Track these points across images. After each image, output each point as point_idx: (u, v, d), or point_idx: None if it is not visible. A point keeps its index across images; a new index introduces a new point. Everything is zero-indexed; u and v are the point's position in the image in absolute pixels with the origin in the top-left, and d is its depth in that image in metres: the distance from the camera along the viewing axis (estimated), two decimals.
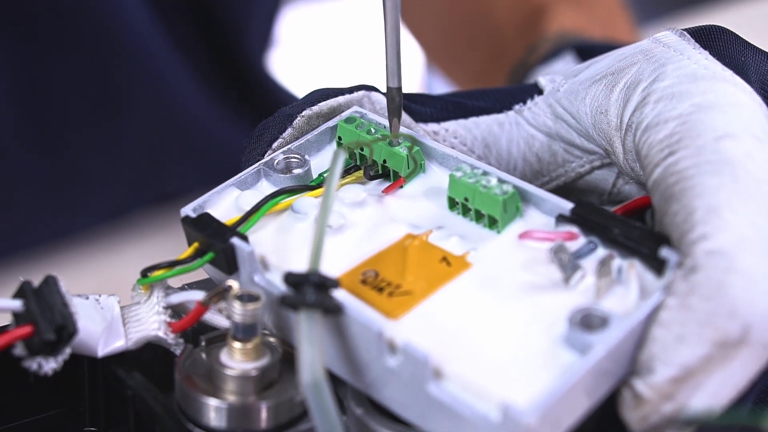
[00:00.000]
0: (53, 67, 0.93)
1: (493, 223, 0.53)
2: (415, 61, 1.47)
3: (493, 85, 0.97)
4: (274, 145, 0.57)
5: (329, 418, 0.48)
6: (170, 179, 1.01)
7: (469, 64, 1.05)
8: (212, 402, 0.51)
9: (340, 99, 0.58)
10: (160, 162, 1.00)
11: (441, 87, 1.41)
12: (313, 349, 0.48)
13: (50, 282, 0.53)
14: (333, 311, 0.49)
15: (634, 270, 0.50)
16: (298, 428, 0.52)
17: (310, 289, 0.49)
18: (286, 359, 0.53)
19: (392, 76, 0.55)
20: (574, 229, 0.52)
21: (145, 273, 0.54)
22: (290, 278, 0.50)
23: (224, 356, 0.52)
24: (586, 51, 0.83)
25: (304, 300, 0.49)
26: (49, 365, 0.51)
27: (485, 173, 0.54)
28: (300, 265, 0.52)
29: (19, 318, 0.52)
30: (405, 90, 0.58)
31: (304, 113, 0.57)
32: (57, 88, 0.94)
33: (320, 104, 0.57)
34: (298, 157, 0.56)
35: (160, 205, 1.00)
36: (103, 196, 1.00)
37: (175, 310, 0.55)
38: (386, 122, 0.57)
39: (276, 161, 0.56)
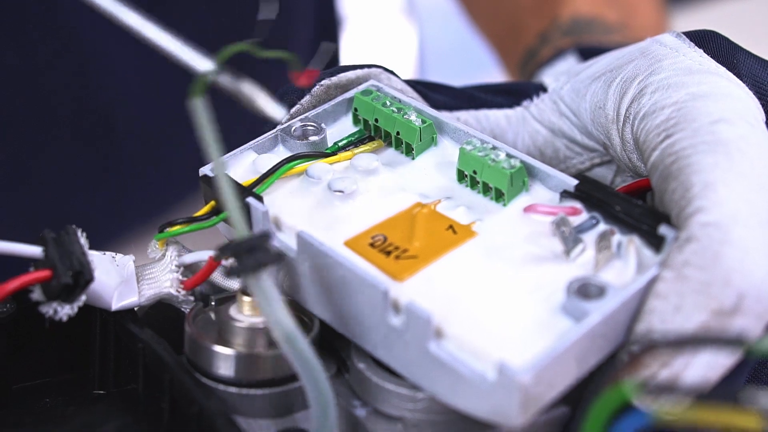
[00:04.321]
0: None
1: (499, 196, 0.55)
2: (410, 57, 1.48)
3: (508, 63, 0.99)
4: (293, 110, 0.59)
5: (309, 365, 0.49)
6: (160, 186, 1.01)
7: (491, 31, 1.06)
8: (220, 350, 0.53)
9: (359, 72, 0.60)
10: (147, 168, 1.01)
11: (435, 72, 1.42)
12: (275, 307, 0.49)
13: (70, 231, 0.55)
14: (275, 261, 0.49)
15: (632, 245, 0.52)
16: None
17: (245, 256, 0.49)
18: (294, 317, 0.55)
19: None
20: (577, 204, 0.54)
21: (162, 228, 0.55)
22: (224, 252, 0.50)
23: (233, 311, 0.54)
24: (590, 53, 0.85)
25: (245, 267, 0.49)
26: (64, 311, 0.53)
27: (494, 148, 0.56)
28: (312, 226, 0.54)
29: (38, 264, 0.54)
30: (406, 77, 0.61)
31: (323, 82, 0.59)
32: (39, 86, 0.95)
33: (339, 75, 0.59)
34: (315, 125, 0.58)
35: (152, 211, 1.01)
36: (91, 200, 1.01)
37: (188, 270, 0.57)
38: (401, 96, 0.59)
39: (293, 128, 0.58)
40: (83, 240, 0.55)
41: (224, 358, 0.53)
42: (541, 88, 0.62)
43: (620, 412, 0.48)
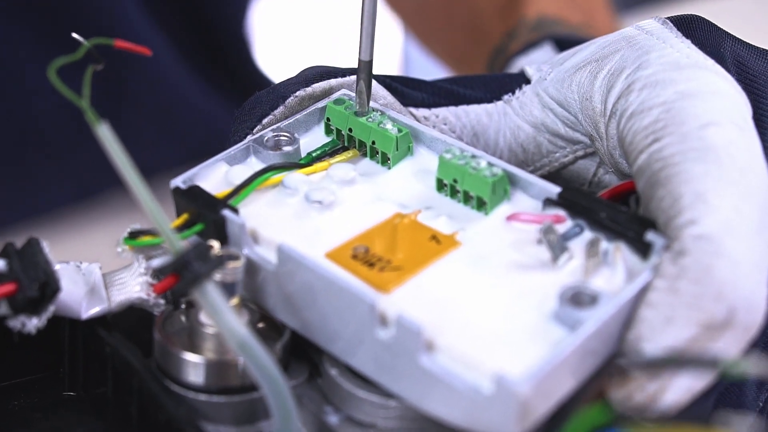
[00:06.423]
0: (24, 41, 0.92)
1: (481, 205, 0.54)
2: (394, 39, 1.47)
3: (472, 67, 0.98)
4: (264, 120, 0.57)
5: (267, 372, 0.48)
6: (144, 157, 1.00)
7: (447, 42, 1.05)
8: (189, 357, 0.52)
9: (332, 82, 0.58)
10: (134, 141, 0.99)
11: (420, 66, 1.41)
12: (225, 316, 0.48)
13: (33, 243, 0.53)
14: (214, 269, 0.48)
15: (620, 252, 0.51)
16: None
17: (184, 272, 0.48)
18: (264, 322, 0.54)
19: (364, 50, 0.56)
20: (560, 212, 0.53)
21: (134, 236, 0.54)
22: (164, 272, 0.49)
23: (203, 316, 0.53)
24: (565, 42, 0.84)
25: (186, 283, 0.48)
26: (33, 323, 0.52)
27: (474, 156, 0.55)
28: (291, 239, 0.52)
29: (2, 277, 0.52)
30: (389, 73, 0.59)
31: (297, 94, 0.57)
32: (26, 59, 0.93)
33: (314, 86, 0.58)
34: (288, 135, 0.57)
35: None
36: (73, 174, 0.99)
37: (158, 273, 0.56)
38: (374, 105, 0.58)
39: (265, 138, 0.57)
40: (47, 250, 0.53)
41: (193, 365, 0.52)
42: (523, 78, 0.60)
43: (599, 428, 0.48)
